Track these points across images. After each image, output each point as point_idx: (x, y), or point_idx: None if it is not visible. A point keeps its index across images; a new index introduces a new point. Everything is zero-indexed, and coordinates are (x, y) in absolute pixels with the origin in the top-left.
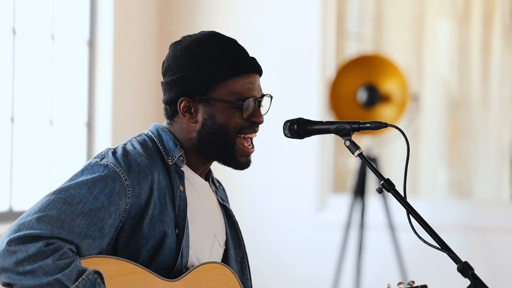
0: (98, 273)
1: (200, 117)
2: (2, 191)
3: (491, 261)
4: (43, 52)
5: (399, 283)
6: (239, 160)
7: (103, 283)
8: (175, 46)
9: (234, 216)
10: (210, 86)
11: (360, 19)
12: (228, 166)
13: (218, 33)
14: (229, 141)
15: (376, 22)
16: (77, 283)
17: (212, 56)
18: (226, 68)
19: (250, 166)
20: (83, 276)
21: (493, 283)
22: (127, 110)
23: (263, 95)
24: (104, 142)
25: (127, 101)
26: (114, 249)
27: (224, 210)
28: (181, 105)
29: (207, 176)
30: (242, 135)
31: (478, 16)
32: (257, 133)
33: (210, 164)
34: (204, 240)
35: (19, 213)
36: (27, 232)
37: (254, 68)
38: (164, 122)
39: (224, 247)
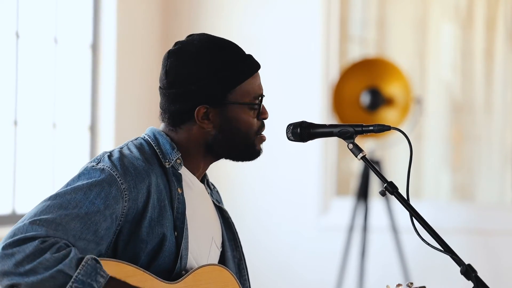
0: (95, 259)
1: (217, 122)
2: (5, 194)
3: (494, 264)
4: (46, 55)
5: (398, 285)
6: (258, 150)
7: (102, 267)
8: (178, 55)
9: (230, 217)
10: (228, 90)
11: (363, 23)
12: (244, 161)
13: (215, 36)
14: (250, 143)
15: (379, 25)
16: (78, 269)
17: (226, 61)
18: (242, 70)
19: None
20: (83, 263)
21: (496, 286)
22: (130, 113)
23: None
24: (107, 145)
25: (130, 105)
26: (113, 254)
27: (220, 211)
28: (199, 113)
29: (203, 178)
30: (259, 135)
31: (481, 20)
32: None
33: (209, 166)
34: (202, 243)
35: (22, 216)
36: (21, 235)
37: (258, 65)
38: (161, 127)
39: (221, 249)
